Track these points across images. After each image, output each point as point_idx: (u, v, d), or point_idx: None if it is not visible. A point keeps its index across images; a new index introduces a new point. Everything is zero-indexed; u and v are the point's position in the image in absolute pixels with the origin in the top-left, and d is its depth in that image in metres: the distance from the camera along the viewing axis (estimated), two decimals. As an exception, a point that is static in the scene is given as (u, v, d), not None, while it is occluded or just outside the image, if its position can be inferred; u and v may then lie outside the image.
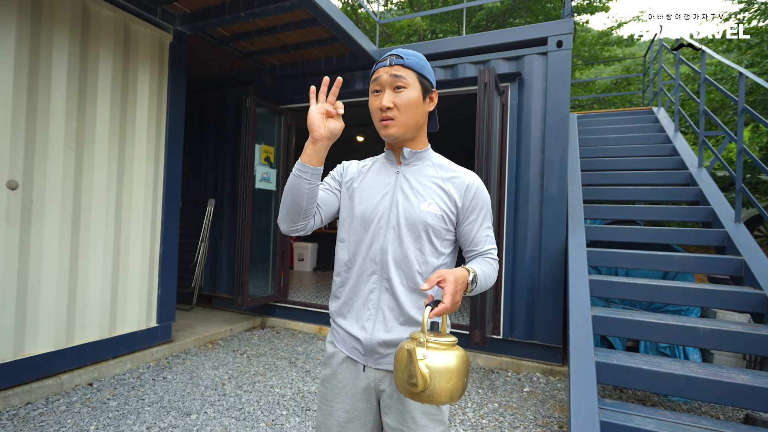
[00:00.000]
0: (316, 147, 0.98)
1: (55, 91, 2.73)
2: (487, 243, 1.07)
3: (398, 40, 11.53)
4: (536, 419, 2.65)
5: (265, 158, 4.52)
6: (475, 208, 1.05)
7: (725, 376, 2.01)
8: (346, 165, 1.19)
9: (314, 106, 0.99)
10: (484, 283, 0.99)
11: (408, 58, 1.03)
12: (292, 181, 1.00)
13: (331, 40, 4.06)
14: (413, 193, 1.05)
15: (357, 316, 1.07)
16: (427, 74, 1.05)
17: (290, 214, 1.03)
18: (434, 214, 1.03)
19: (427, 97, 1.06)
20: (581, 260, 2.85)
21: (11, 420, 2.34)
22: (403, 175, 1.08)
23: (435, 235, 1.04)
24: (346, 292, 1.09)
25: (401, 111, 1.01)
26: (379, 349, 1.03)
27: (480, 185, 1.07)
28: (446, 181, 1.06)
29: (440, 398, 0.80)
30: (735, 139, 3.02)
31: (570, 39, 3.56)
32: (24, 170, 2.57)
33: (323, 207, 1.11)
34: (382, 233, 1.05)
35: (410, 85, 1.02)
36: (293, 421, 2.50)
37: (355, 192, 1.11)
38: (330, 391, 1.10)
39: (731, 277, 2.80)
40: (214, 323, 4.34)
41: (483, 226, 1.07)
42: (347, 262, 1.10)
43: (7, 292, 2.51)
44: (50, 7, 2.69)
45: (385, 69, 1.03)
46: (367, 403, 1.07)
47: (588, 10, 11.17)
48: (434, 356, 0.81)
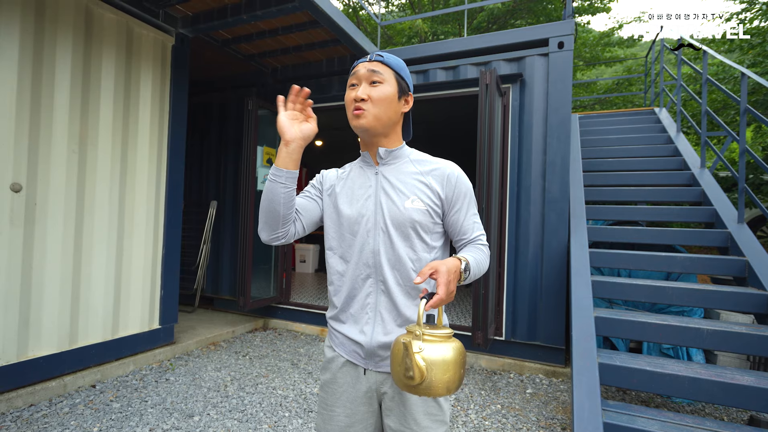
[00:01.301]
0: (289, 149, 0.99)
1: (59, 93, 2.75)
2: (476, 230, 1.08)
3: (399, 42, 11.56)
4: (539, 421, 2.64)
5: (267, 160, 4.53)
6: (459, 197, 1.05)
7: (729, 378, 2.00)
8: (324, 173, 1.19)
9: (282, 112, 1.02)
10: (477, 270, 0.99)
11: (387, 57, 1.06)
12: (268, 187, 1.00)
13: (332, 42, 4.08)
14: (395, 192, 1.05)
15: (355, 320, 1.07)
16: (404, 75, 1.08)
17: (269, 222, 1.03)
18: (419, 210, 1.03)
19: (403, 97, 1.08)
20: (584, 261, 2.85)
21: (15, 422, 2.35)
22: (383, 174, 1.08)
23: (423, 230, 1.04)
24: (343, 298, 1.08)
25: (374, 103, 1.02)
26: (379, 352, 1.04)
27: (460, 174, 1.07)
28: (426, 175, 1.06)
29: (437, 390, 0.80)
30: (737, 139, 3.01)
31: (571, 40, 3.56)
32: (27, 173, 2.59)
33: (304, 214, 1.11)
34: (371, 236, 1.05)
35: (386, 81, 1.04)
36: (296, 422, 2.50)
37: (338, 198, 1.11)
38: (330, 396, 1.09)
39: (734, 277, 2.79)
40: (216, 325, 4.35)
41: (469, 213, 1.07)
42: (339, 269, 1.09)
43: (11, 294, 2.52)
44: (53, 11, 2.71)
45: (364, 64, 1.05)
46: (368, 407, 1.07)
47: (589, 11, 11.18)
48: (430, 349, 0.81)
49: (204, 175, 5.25)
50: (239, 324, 4.44)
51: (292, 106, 1.02)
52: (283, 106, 1.02)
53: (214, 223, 4.99)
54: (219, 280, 5.06)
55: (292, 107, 1.02)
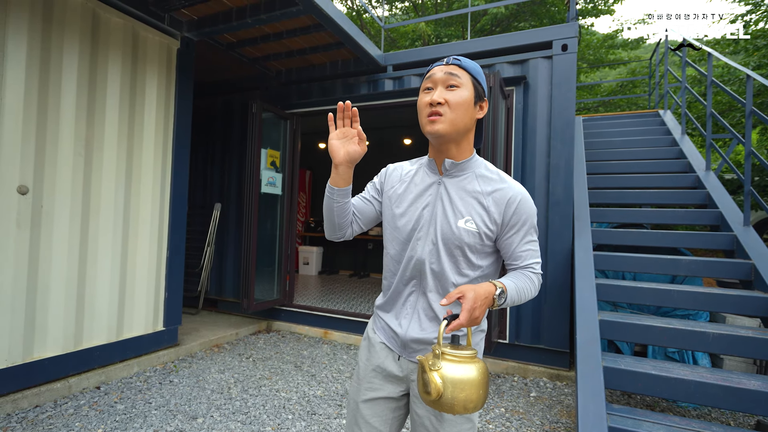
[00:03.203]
0: (338, 171, 1.07)
1: (65, 96, 2.78)
2: (529, 258, 1.06)
3: (403, 45, 11.58)
4: (543, 424, 2.62)
5: (271, 163, 4.55)
6: (516, 223, 1.04)
7: (736, 382, 1.98)
8: (389, 171, 1.20)
9: (333, 132, 1.06)
10: (516, 298, 0.99)
11: (465, 61, 1.05)
12: (325, 201, 1.13)
13: (336, 45, 4.09)
14: (452, 209, 1.06)
15: (397, 313, 1.14)
16: (481, 80, 1.06)
17: (328, 226, 1.17)
18: (470, 231, 1.03)
19: (479, 103, 1.06)
20: (588, 264, 2.84)
21: (20, 423, 2.36)
22: (445, 186, 1.08)
23: (471, 251, 1.05)
24: (390, 292, 1.16)
25: (452, 108, 1.00)
26: (412, 345, 1.09)
27: (523, 199, 1.04)
28: (487, 196, 1.05)
29: (455, 408, 0.82)
30: (743, 141, 2.99)
31: (575, 42, 3.56)
32: (34, 175, 2.61)
33: (361, 216, 1.19)
34: (420, 245, 1.08)
35: (463, 85, 1.02)
36: (299, 425, 2.50)
37: (398, 201, 1.14)
38: (363, 370, 1.18)
39: (740, 281, 2.77)
40: (220, 327, 4.36)
41: (524, 240, 1.05)
42: (392, 268, 1.16)
43: (17, 295, 2.54)
44: (61, 15, 2.74)
45: (441, 67, 1.04)
46: (395, 387, 1.14)
47: (593, 13, 11.16)
48: (449, 368, 0.83)
49: (208, 177, 5.28)
50: (243, 326, 4.45)
51: (341, 123, 1.06)
52: (334, 125, 1.07)
53: (218, 225, 5.01)
54: (223, 282, 5.07)
55: (341, 124, 1.07)
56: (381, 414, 1.14)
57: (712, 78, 3.68)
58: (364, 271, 8.10)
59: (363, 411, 1.15)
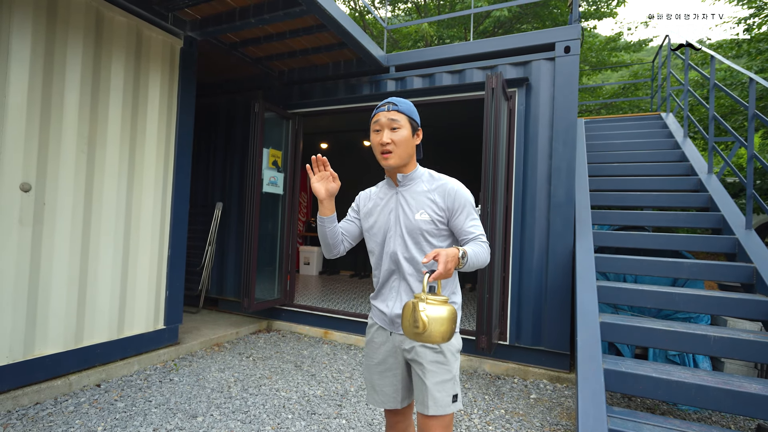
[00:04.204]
0: (324, 204, 1.41)
1: (69, 94, 2.78)
2: (476, 230, 1.35)
3: (405, 45, 11.60)
4: (543, 426, 2.62)
5: (273, 162, 4.55)
6: (459, 208, 1.36)
7: (736, 385, 1.98)
8: (362, 195, 1.57)
9: (313, 177, 1.39)
10: (474, 259, 1.25)
11: (401, 105, 1.37)
12: (318, 229, 1.47)
13: (338, 45, 4.10)
14: (409, 208, 1.39)
15: (384, 297, 1.46)
16: (414, 117, 1.40)
17: (325, 247, 1.51)
18: (425, 220, 1.36)
19: (415, 134, 1.41)
20: (589, 266, 2.83)
21: (20, 420, 2.36)
22: (401, 194, 1.43)
23: (430, 235, 1.37)
24: (379, 284, 1.48)
25: (397, 145, 1.35)
26: (396, 320, 1.40)
27: (459, 189, 1.38)
28: (432, 192, 1.39)
29: (435, 338, 1.11)
30: (745, 144, 2.99)
31: (578, 44, 3.56)
32: (37, 172, 2.62)
33: (348, 235, 1.53)
34: (392, 241, 1.41)
35: (403, 126, 1.36)
36: (299, 425, 2.50)
37: (369, 215, 1.49)
38: (370, 350, 1.51)
39: (742, 284, 2.77)
40: (220, 326, 4.36)
41: (468, 218, 1.36)
42: (376, 265, 1.49)
43: (19, 292, 2.54)
44: (65, 13, 2.75)
45: (384, 113, 1.37)
46: (395, 359, 1.45)
47: (595, 15, 11.16)
48: (431, 309, 1.11)
49: (210, 176, 5.28)
50: (243, 325, 4.45)
51: (317, 170, 1.38)
52: (312, 172, 1.39)
53: (219, 224, 5.01)
54: (223, 282, 5.08)
55: (317, 171, 1.38)
56: (388, 379, 1.47)
57: (715, 81, 3.68)
58: (365, 272, 8.10)
59: (374, 380, 1.49)
